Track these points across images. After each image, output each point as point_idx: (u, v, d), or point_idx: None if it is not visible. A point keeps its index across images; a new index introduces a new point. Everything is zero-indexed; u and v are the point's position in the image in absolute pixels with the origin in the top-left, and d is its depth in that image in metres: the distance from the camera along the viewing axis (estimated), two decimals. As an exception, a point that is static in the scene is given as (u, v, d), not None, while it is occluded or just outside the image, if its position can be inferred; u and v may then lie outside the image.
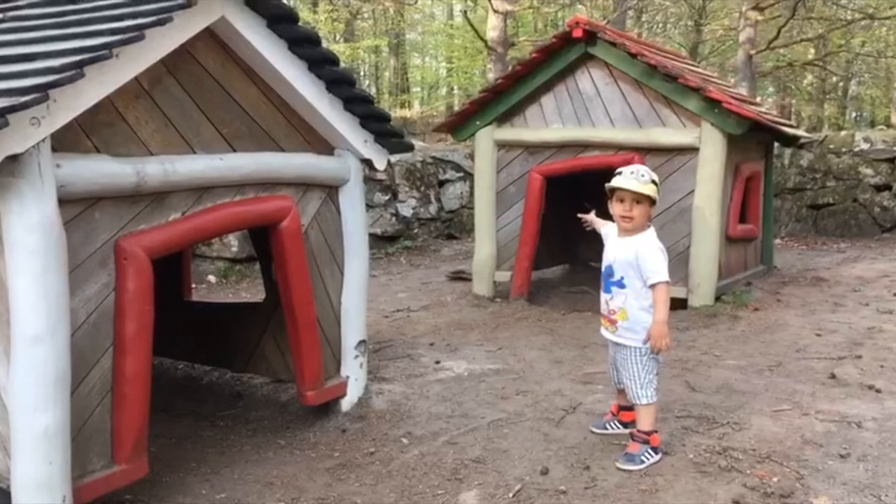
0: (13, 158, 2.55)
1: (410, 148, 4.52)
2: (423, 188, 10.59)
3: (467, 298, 7.06)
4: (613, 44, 6.13)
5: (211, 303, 5.41)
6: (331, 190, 4.12)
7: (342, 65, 3.85)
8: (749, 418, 3.90)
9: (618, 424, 3.78)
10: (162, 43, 3.02)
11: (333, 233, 4.17)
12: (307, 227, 3.98)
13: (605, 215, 3.79)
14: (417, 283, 8.29)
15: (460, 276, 8.18)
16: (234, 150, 3.54)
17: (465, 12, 19.32)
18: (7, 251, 2.63)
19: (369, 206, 9.95)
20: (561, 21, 20.41)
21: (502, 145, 6.89)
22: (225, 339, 4.61)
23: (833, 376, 4.54)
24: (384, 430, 3.99)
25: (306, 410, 4.23)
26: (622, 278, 3.44)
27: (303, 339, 3.94)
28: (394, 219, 10.18)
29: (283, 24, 3.56)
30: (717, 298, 6.24)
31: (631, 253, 3.41)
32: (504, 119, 6.86)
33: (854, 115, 29.05)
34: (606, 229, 3.67)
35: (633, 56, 6.04)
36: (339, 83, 3.90)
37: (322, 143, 4.06)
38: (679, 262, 6.22)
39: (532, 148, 6.75)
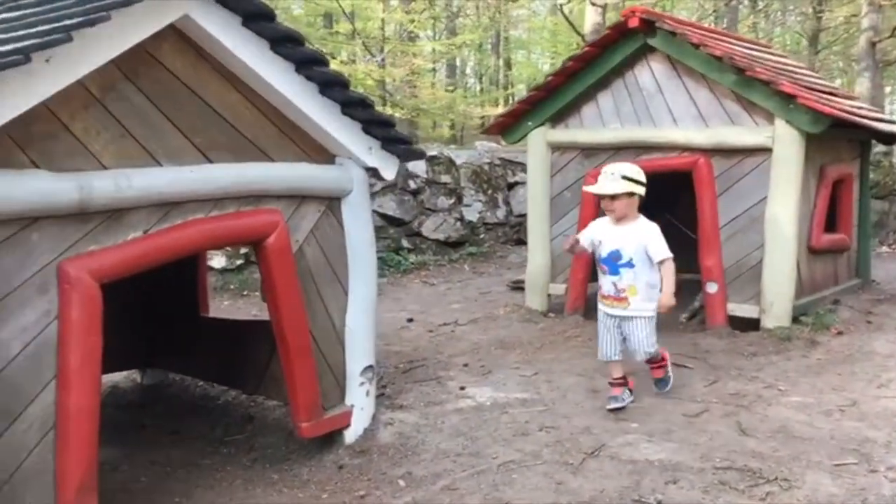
0: (-83, 177, 2.31)
1: (421, 155, 4.12)
2: (490, 191, 10.14)
3: (520, 312, 6.57)
4: (674, 33, 5.51)
5: (225, 319, 5.19)
6: (331, 202, 3.77)
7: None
8: (803, 474, 3.28)
9: (629, 393, 4.23)
10: (105, 45, 2.73)
11: (335, 248, 3.81)
12: (303, 244, 3.64)
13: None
14: (476, 292, 7.86)
15: (520, 286, 7.69)
16: (210, 161, 3.23)
17: (561, 6, 18.65)
18: (-82, 279, 2.40)
19: (432, 211, 9.60)
20: (668, 12, 19.41)
21: (556, 147, 6.37)
22: (237, 358, 4.35)
23: (918, 421, 3.83)
24: (383, 469, 3.60)
25: (310, 440, 3.89)
26: (631, 260, 4.02)
27: (295, 366, 3.61)
28: (458, 224, 9.77)
29: (260, 21, 3.23)
30: (795, 319, 5.51)
31: (639, 237, 4.02)
32: (558, 119, 6.33)
33: None
34: (593, 228, 4.23)
35: (696, 46, 5.40)
36: (333, 85, 3.55)
37: (320, 152, 3.71)
38: (750, 277, 5.55)
39: (588, 150, 6.20)
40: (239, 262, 8.03)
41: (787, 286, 5.43)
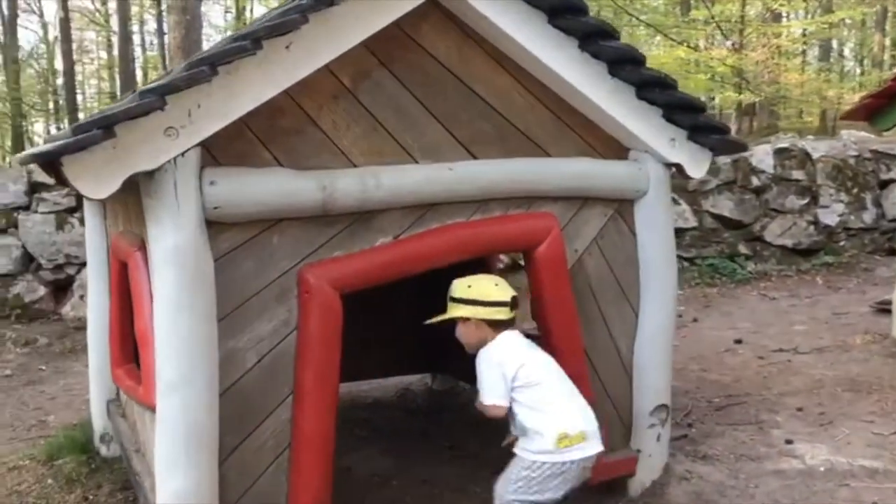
0: (149, 175, 2.20)
1: (742, 148, 3.27)
2: (855, 190, 8.45)
3: (883, 344, 5.24)
4: None
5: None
6: (621, 205, 3.14)
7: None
8: None
9: None
10: (351, 26, 2.43)
11: (623, 261, 3.18)
12: (583, 254, 3.07)
13: None
14: (828, 312, 6.54)
15: (888, 308, 6.21)
16: (474, 157, 2.81)
17: None
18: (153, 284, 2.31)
19: (778, 212, 8.29)
20: None
21: (947, 136, 4.93)
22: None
23: None
24: (668, 540, 2.90)
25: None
26: None
27: (567, 397, 3.05)
28: (811, 228, 8.30)
29: (536, -11, 2.72)
30: None
31: None
32: (952, 99, 4.89)
33: None
34: None
35: None
36: (624, 62, 2.91)
37: (608, 144, 3.10)
38: None
39: None
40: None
41: None
